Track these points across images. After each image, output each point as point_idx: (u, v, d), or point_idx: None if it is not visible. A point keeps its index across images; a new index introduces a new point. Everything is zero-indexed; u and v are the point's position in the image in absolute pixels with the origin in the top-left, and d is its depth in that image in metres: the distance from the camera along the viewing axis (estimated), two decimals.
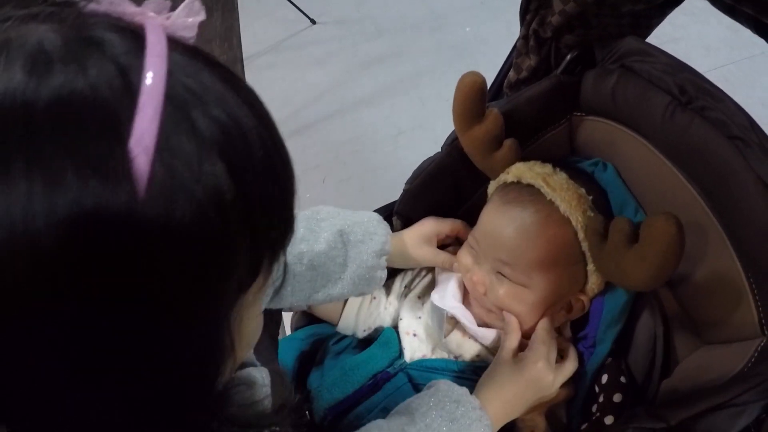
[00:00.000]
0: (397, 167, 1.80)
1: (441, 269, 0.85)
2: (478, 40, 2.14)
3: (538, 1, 0.79)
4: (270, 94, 0.39)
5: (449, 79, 0.80)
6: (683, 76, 0.68)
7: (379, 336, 0.84)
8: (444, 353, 0.81)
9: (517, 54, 0.85)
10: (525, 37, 0.83)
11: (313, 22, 2.36)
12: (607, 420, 0.71)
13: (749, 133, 0.62)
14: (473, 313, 0.79)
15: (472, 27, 2.21)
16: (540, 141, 0.83)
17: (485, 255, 0.77)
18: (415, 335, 0.82)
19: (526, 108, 0.80)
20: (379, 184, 1.84)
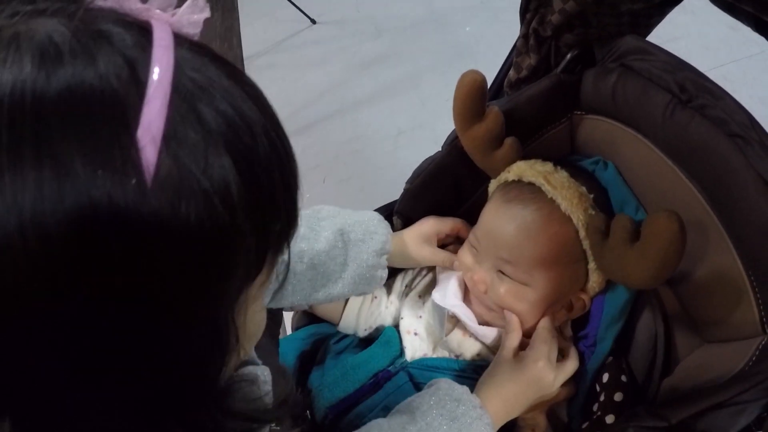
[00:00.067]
0: (397, 167, 1.80)
1: (442, 268, 0.85)
2: (478, 40, 2.14)
3: (538, 0, 0.79)
4: (270, 94, 0.39)
5: (449, 79, 0.80)
6: (683, 75, 0.68)
7: (380, 335, 0.84)
8: (445, 352, 0.81)
9: (517, 53, 0.85)
10: (525, 36, 0.83)
11: (313, 22, 2.36)
12: (608, 419, 0.71)
13: (749, 131, 0.62)
14: (474, 312, 0.79)
15: (472, 27, 2.21)
16: (540, 140, 0.83)
17: (486, 253, 0.77)
18: (416, 334, 0.82)
19: (526, 107, 0.80)
20: (379, 183, 1.84)
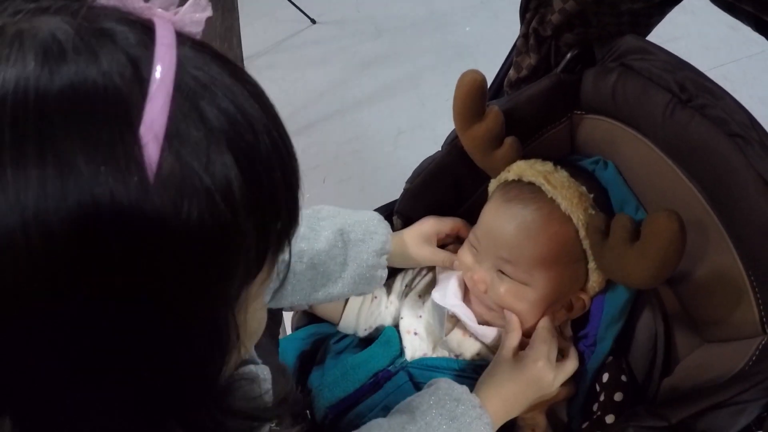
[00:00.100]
0: (397, 167, 1.80)
1: (441, 268, 0.85)
2: (478, 40, 2.14)
3: (538, 0, 0.79)
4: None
5: (449, 79, 0.80)
6: (683, 74, 0.68)
7: (380, 335, 0.84)
8: (445, 352, 0.81)
9: (517, 53, 0.85)
10: (525, 36, 0.82)
11: (313, 22, 2.36)
12: (608, 419, 0.71)
13: (749, 131, 0.62)
14: (474, 312, 0.79)
15: (472, 27, 2.21)
16: (540, 139, 0.83)
17: (486, 253, 0.77)
18: (416, 334, 0.82)
19: (526, 106, 0.80)
20: (379, 183, 1.84)
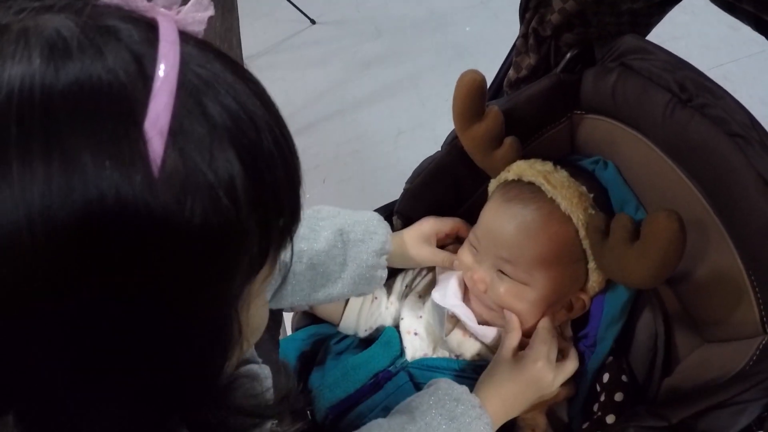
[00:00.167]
0: (397, 167, 1.80)
1: (441, 268, 0.85)
2: (478, 40, 2.14)
3: None
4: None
5: (449, 79, 0.80)
6: (683, 74, 0.68)
7: (381, 335, 0.84)
8: (445, 352, 0.81)
9: (517, 52, 0.85)
10: (524, 36, 0.82)
11: (313, 22, 2.36)
12: (609, 419, 0.71)
13: (750, 131, 0.62)
14: (474, 312, 0.79)
15: (472, 27, 2.21)
16: (540, 139, 0.83)
17: (486, 253, 0.77)
18: (416, 334, 0.82)
19: (526, 106, 0.80)
20: (379, 184, 1.84)
